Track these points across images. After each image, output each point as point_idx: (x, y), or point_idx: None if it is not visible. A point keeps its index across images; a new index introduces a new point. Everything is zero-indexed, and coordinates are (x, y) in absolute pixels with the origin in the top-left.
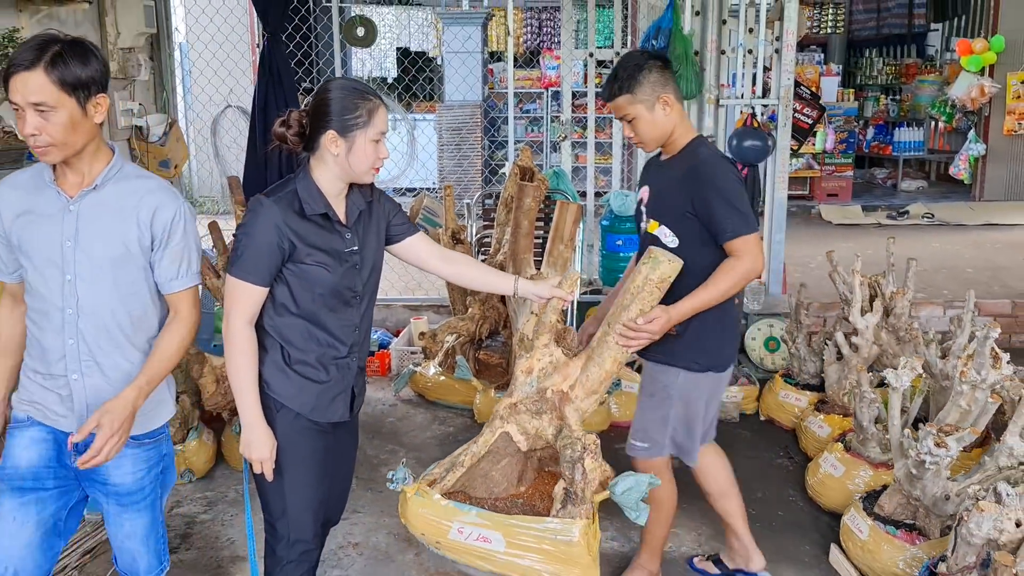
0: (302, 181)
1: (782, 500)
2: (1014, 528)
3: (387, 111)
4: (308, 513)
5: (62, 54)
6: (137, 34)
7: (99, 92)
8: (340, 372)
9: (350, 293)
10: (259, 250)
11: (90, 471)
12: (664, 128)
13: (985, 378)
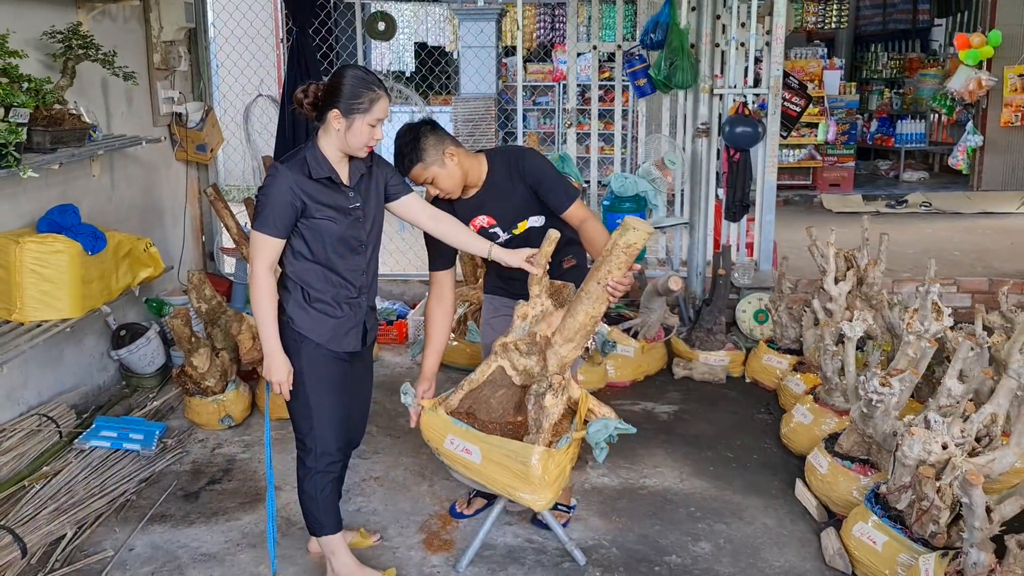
0: (310, 150)
1: (758, 447)
2: (940, 450)
3: (388, 102)
4: (331, 429)
5: None
6: (178, 28)
7: None
8: (352, 310)
9: (356, 242)
10: (276, 207)
11: None
12: (458, 176)
13: (928, 328)
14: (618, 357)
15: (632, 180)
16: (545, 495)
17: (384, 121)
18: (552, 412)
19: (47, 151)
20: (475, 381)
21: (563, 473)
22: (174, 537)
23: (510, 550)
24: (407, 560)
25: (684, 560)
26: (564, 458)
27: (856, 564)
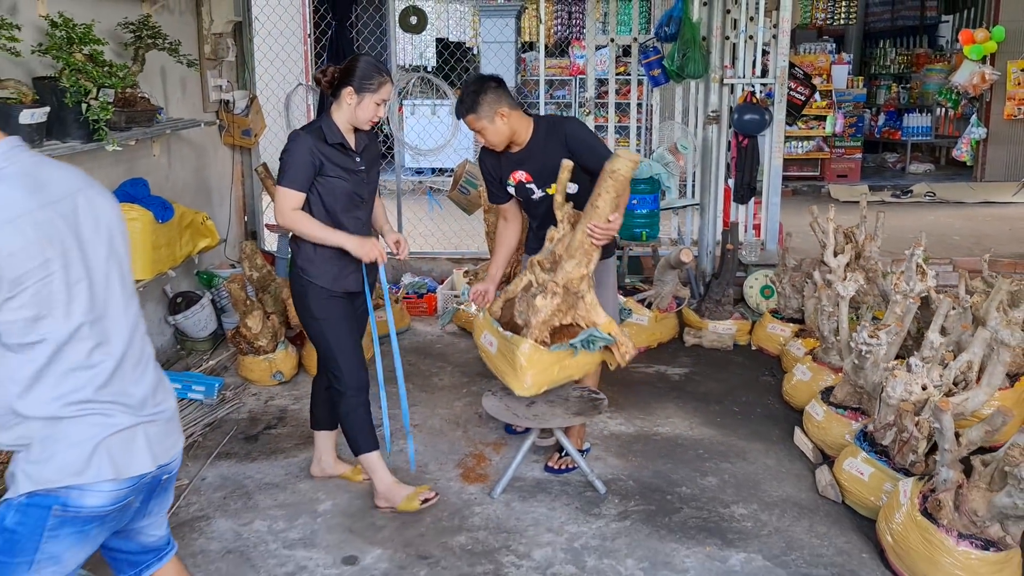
0: (325, 120)
1: (761, 403)
2: (920, 391)
3: (392, 88)
4: (354, 359)
5: None
6: (227, 21)
7: None
8: (352, 256)
9: (359, 198)
10: (297, 166)
11: None
12: (504, 133)
13: (913, 288)
14: (633, 325)
15: (646, 164)
16: (523, 382)
17: (387, 103)
18: (540, 310)
19: (123, 129)
20: (511, 292)
21: (546, 371)
22: (240, 470)
23: (538, 482)
24: (447, 489)
25: (693, 491)
26: (551, 359)
27: (846, 494)
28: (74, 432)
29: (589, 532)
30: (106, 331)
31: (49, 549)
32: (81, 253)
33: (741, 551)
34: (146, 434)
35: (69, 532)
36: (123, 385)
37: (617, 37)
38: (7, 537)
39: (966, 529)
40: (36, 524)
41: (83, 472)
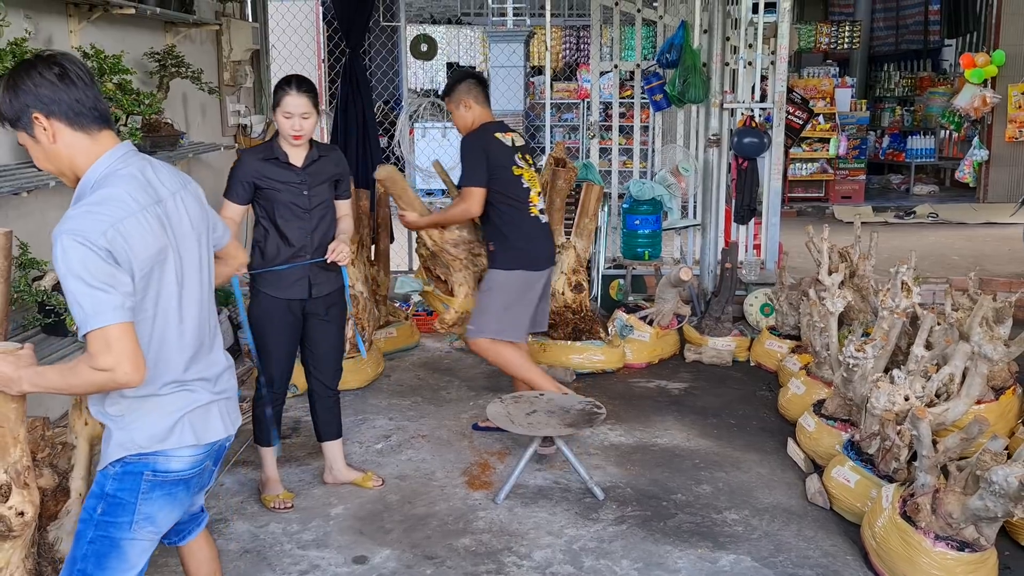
0: (273, 139)
1: (757, 416)
2: (903, 401)
3: (298, 100)
4: (280, 367)
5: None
6: (245, 49)
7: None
8: (295, 266)
9: (299, 209)
10: (233, 180)
11: None
12: (467, 120)
13: (898, 304)
14: (635, 341)
15: (649, 185)
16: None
17: (303, 116)
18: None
19: (148, 153)
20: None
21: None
22: (256, 476)
23: (540, 488)
24: (453, 495)
25: (688, 498)
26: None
27: (834, 500)
28: (164, 405)
29: (587, 535)
30: (194, 317)
31: (144, 510)
32: (177, 245)
33: (731, 553)
34: (219, 408)
35: (160, 495)
36: (205, 365)
37: (621, 63)
38: (109, 502)
39: (943, 531)
40: (132, 489)
41: (167, 439)
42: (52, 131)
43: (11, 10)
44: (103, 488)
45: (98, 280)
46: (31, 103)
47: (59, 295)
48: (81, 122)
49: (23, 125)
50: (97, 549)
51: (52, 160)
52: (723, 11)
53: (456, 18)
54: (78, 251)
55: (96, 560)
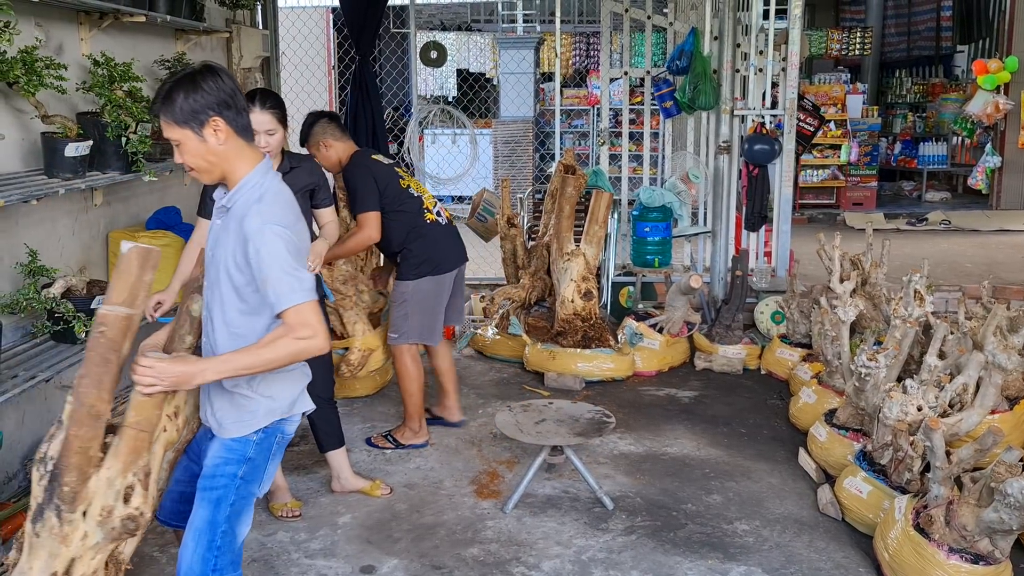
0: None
1: (768, 425)
2: (916, 411)
3: (259, 116)
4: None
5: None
6: (255, 57)
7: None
8: None
9: None
10: (211, 198)
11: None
12: (332, 159)
13: (911, 313)
14: (644, 349)
15: (659, 192)
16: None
17: (264, 134)
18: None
19: (158, 160)
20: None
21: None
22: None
23: (549, 498)
24: (461, 504)
25: (698, 508)
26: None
27: (845, 511)
28: (295, 378)
29: (596, 545)
30: None
31: (270, 469)
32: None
33: (742, 564)
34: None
35: (277, 454)
36: None
37: (631, 70)
38: (250, 465)
39: (956, 543)
40: (266, 451)
41: (294, 406)
42: (225, 134)
43: (22, 18)
44: (244, 454)
45: (293, 264)
46: (212, 105)
47: (68, 303)
48: (245, 134)
49: (195, 123)
50: (238, 509)
51: (210, 157)
52: (734, 17)
53: (466, 25)
54: (283, 238)
55: (236, 517)
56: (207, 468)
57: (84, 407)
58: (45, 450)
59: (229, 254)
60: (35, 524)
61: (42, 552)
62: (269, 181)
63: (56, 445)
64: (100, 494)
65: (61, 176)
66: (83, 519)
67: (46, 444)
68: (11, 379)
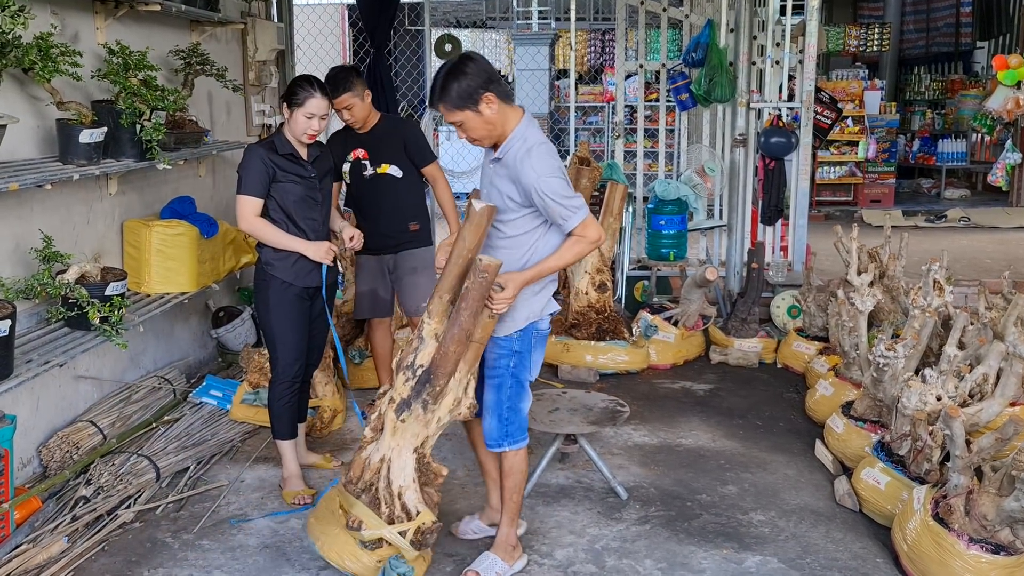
0: (277, 134)
1: (785, 417)
2: (935, 401)
3: (322, 103)
4: (292, 352)
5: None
6: (270, 50)
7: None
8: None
9: (312, 201)
10: (252, 174)
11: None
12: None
13: (930, 303)
14: (659, 342)
15: (674, 185)
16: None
17: (322, 118)
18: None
19: (172, 150)
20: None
21: None
22: (276, 473)
23: (562, 488)
24: (474, 493)
25: (713, 498)
26: None
27: (863, 502)
28: (548, 287)
29: (610, 535)
30: None
31: (535, 358)
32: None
33: (757, 554)
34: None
35: (538, 346)
36: None
37: (646, 63)
38: (518, 358)
39: (977, 534)
40: (527, 345)
41: (544, 310)
42: (497, 105)
43: (38, 6)
44: (511, 348)
45: (567, 195)
46: (483, 85)
47: (82, 288)
48: (508, 99)
49: (471, 102)
50: (516, 391)
51: (488, 126)
52: (750, 9)
53: (481, 22)
54: (555, 157)
55: (516, 396)
56: (488, 361)
57: (464, 331)
58: (412, 359)
59: (504, 194)
60: (400, 414)
61: (408, 434)
62: (531, 132)
63: (423, 355)
64: (453, 390)
65: (76, 162)
66: (438, 408)
67: (411, 355)
68: (25, 364)
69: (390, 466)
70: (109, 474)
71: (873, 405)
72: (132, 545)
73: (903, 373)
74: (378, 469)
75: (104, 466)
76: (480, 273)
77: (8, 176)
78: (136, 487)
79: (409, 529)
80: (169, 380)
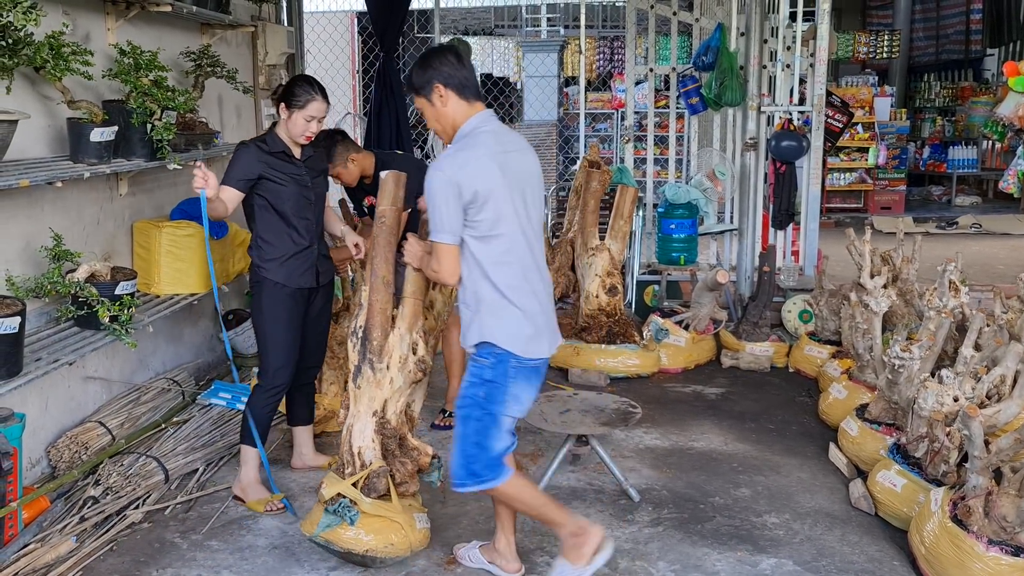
0: (270, 133)
1: (798, 421)
2: (952, 402)
3: (323, 105)
4: (281, 358)
5: None
6: (280, 54)
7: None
8: (305, 255)
9: (306, 201)
10: (237, 167)
11: None
12: (356, 174)
13: (946, 304)
14: (670, 346)
15: (684, 189)
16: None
17: (319, 120)
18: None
19: (183, 150)
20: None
21: None
22: (285, 475)
23: (573, 490)
24: (484, 495)
25: (726, 501)
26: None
27: (879, 505)
28: (501, 312)
29: (622, 536)
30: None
31: (514, 392)
32: (518, 187)
33: (772, 557)
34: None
35: (519, 379)
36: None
37: (656, 67)
38: (489, 388)
39: (996, 535)
40: (502, 375)
41: (513, 343)
42: (446, 98)
43: (49, 5)
44: (482, 377)
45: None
46: (435, 76)
47: (92, 287)
48: (464, 93)
49: (426, 92)
50: (484, 424)
51: (440, 120)
52: (761, 13)
53: (490, 29)
54: (457, 168)
55: (483, 432)
56: (460, 390)
57: (379, 278)
58: (355, 324)
59: None
60: (355, 380)
61: (364, 398)
62: (464, 141)
63: (362, 318)
64: (396, 347)
65: (86, 161)
66: (387, 369)
67: (354, 320)
68: (35, 362)
69: (351, 431)
70: (118, 475)
71: (888, 408)
72: (140, 545)
73: (919, 375)
74: (347, 439)
75: (113, 467)
76: (379, 218)
77: (19, 173)
78: (145, 488)
79: (360, 478)
80: (178, 382)
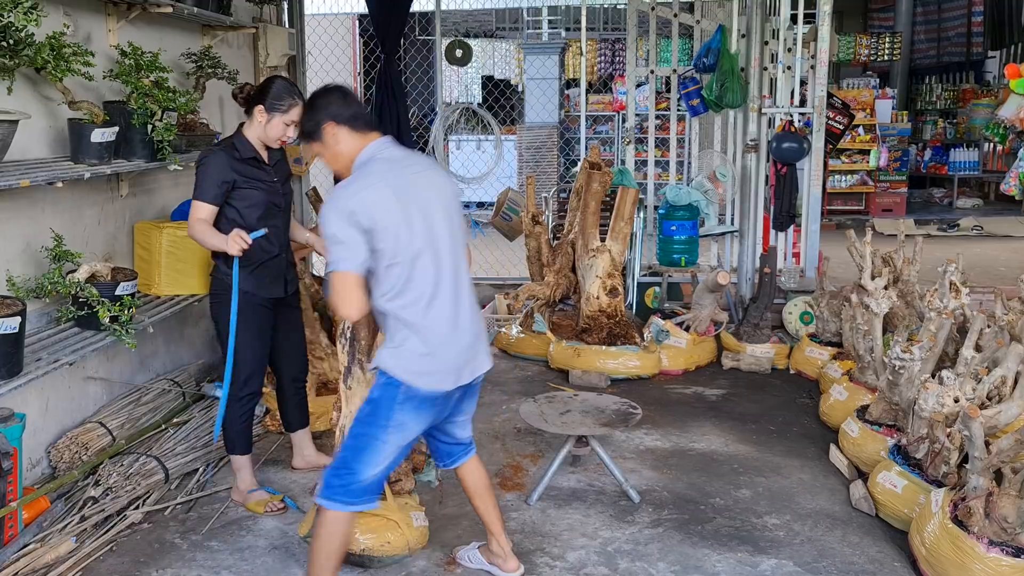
0: (237, 137)
1: (798, 423)
2: (952, 403)
3: (302, 110)
4: (250, 366)
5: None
6: (281, 55)
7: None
8: (274, 264)
9: (276, 207)
10: (210, 180)
11: None
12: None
13: (947, 305)
14: (671, 347)
15: (685, 191)
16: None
17: (294, 126)
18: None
19: (183, 152)
20: None
21: None
22: (285, 475)
23: (573, 490)
24: None
25: (726, 502)
26: None
27: (879, 507)
28: (400, 347)
29: (622, 537)
30: (426, 270)
31: (399, 419)
32: (420, 211)
33: (772, 558)
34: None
35: (406, 408)
36: (440, 311)
37: (657, 69)
38: (372, 407)
39: (997, 536)
40: (390, 399)
41: (407, 375)
42: (338, 135)
43: (50, 6)
44: (371, 394)
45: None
46: (324, 116)
47: (92, 288)
48: (356, 126)
49: (318, 136)
50: (358, 445)
51: (338, 159)
52: (762, 15)
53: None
54: (350, 198)
55: (354, 453)
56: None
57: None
58: (343, 326)
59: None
60: (346, 381)
61: (355, 399)
62: (359, 172)
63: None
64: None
65: (87, 162)
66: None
67: (343, 322)
68: (35, 362)
69: (343, 432)
70: (118, 475)
71: (889, 409)
72: (140, 546)
73: (919, 376)
74: (340, 440)
75: (113, 467)
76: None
77: (20, 174)
78: (145, 488)
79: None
80: (178, 383)
